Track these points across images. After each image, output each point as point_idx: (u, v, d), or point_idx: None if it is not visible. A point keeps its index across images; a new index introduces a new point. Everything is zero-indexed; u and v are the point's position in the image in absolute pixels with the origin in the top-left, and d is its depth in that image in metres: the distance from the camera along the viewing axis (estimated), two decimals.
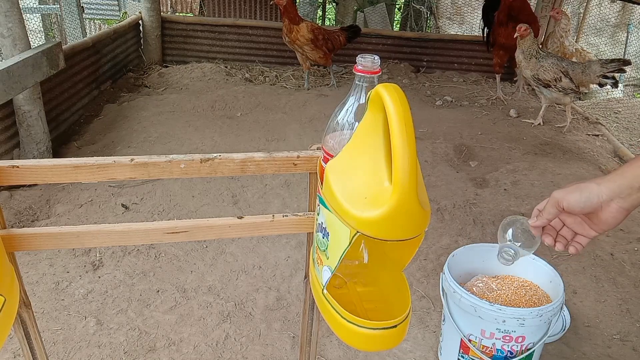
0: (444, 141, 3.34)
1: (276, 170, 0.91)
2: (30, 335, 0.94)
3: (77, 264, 2.01)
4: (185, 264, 2.05)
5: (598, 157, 3.33)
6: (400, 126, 0.63)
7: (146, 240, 0.91)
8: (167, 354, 1.63)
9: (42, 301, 1.81)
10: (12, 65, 2.27)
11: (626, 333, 1.79)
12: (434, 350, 1.68)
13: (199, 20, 5.17)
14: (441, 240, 2.27)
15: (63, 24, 5.19)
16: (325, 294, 0.81)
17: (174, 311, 1.81)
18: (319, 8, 7.65)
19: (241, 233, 0.94)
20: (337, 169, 0.74)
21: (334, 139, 0.80)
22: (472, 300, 1.38)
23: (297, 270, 2.04)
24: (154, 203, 2.45)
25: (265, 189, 2.65)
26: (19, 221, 2.26)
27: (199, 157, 0.88)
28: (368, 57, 0.76)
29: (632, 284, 2.04)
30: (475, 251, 1.64)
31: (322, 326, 1.05)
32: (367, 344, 0.81)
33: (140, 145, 3.09)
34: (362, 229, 0.69)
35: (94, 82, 3.91)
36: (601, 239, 2.32)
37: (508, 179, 2.87)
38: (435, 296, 1.92)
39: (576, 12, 6.92)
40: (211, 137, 3.23)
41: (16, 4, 2.41)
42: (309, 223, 0.94)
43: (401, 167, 0.63)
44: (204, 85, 4.32)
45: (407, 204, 0.65)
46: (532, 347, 1.43)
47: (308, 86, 4.36)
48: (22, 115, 2.58)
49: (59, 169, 0.83)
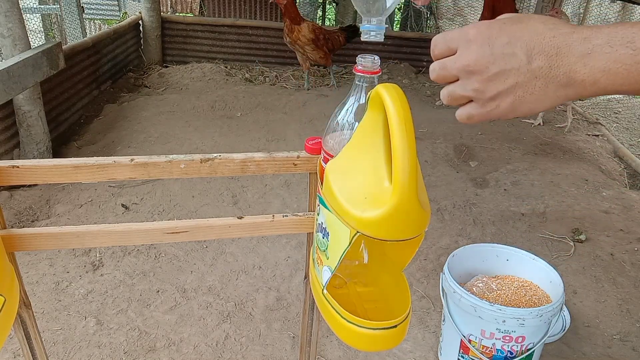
0: (444, 141, 3.34)
1: (276, 171, 0.91)
2: (30, 335, 0.94)
3: (77, 264, 2.01)
4: (185, 264, 2.05)
5: (598, 157, 3.33)
6: (400, 126, 0.63)
7: (146, 240, 0.91)
8: (167, 354, 1.63)
9: (42, 301, 1.81)
10: (12, 65, 2.27)
11: (626, 333, 1.79)
12: (434, 351, 1.68)
13: (199, 20, 5.17)
14: (441, 240, 2.27)
15: (63, 24, 5.18)
16: (325, 294, 0.81)
17: (174, 311, 1.81)
18: (319, 8, 7.65)
19: (241, 233, 0.94)
20: (337, 169, 0.74)
21: (334, 139, 0.80)
22: (472, 301, 1.38)
23: (297, 270, 2.04)
24: (154, 203, 2.45)
25: (265, 189, 2.65)
26: (19, 221, 2.25)
27: (199, 157, 0.88)
28: (368, 57, 0.75)
29: (632, 284, 2.03)
30: (475, 251, 1.64)
31: (322, 326, 1.05)
32: (367, 344, 0.81)
33: (140, 145, 3.09)
34: (362, 229, 0.69)
35: (94, 82, 3.91)
36: (601, 239, 2.32)
37: (508, 179, 2.87)
38: (435, 296, 1.92)
39: (576, 12, 6.92)
40: (211, 137, 3.23)
41: (16, 4, 2.41)
42: (309, 223, 0.94)
43: (401, 167, 0.63)
44: (204, 85, 4.32)
45: (407, 204, 0.65)
46: (532, 347, 1.43)
47: (308, 86, 4.36)
48: (22, 115, 2.58)
49: (59, 169, 0.83)
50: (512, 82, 0.53)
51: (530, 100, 0.54)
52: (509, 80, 0.53)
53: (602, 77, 0.50)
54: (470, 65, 0.54)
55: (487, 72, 0.54)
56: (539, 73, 0.52)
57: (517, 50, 0.52)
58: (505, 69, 0.53)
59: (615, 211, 2.55)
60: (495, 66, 0.53)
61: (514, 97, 0.54)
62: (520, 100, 0.54)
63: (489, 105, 0.56)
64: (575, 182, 2.82)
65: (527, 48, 0.52)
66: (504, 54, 0.53)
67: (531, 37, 0.52)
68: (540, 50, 0.52)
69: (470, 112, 0.58)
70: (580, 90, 0.52)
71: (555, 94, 0.53)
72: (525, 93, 0.54)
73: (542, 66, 0.52)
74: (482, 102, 0.56)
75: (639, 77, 0.49)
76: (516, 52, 0.53)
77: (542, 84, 0.53)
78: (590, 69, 0.50)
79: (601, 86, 0.51)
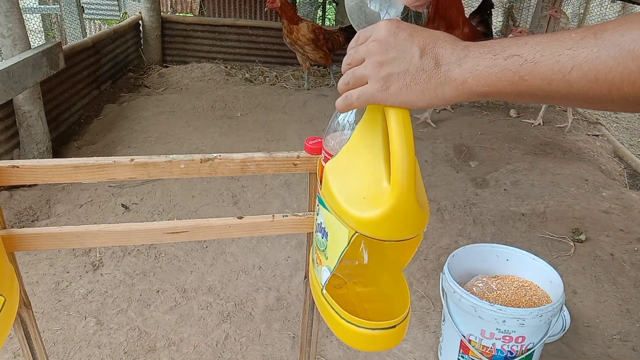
0: (444, 141, 3.34)
1: (276, 171, 0.91)
2: (30, 335, 0.94)
3: (77, 264, 2.01)
4: (185, 264, 2.05)
5: (598, 157, 3.33)
6: (399, 126, 0.63)
7: (146, 240, 0.91)
8: (167, 354, 1.63)
9: (42, 301, 1.81)
10: (12, 65, 2.27)
11: (626, 333, 1.79)
12: (434, 351, 1.68)
13: (199, 20, 5.17)
14: (441, 240, 2.27)
15: (63, 24, 5.18)
16: (325, 294, 0.81)
17: (174, 311, 1.81)
18: (319, 8, 7.65)
19: (241, 233, 0.94)
20: (336, 169, 0.74)
21: (335, 139, 0.80)
22: (472, 301, 1.38)
23: (297, 270, 2.04)
24: (154, 203, 2.45)
25: (265, 189, 2.65)
26: (19, 221, 2.26)
27: (199, 157, 0.88)
28: None
29: (632, 284, 2.04)
30: (475, 251, 1.64)
31: (322, 326, 1.05)
32: (366, 344, 0.81)
33: (140, 145, 3.09)
34: (361, 229, 0.69)
35: (94, 82, 3.91)
36: (601, 239, 2.32)
37: (508, 179, 2.87)
38: (435, 296, 1.92)
39: (577, 13, 6.92)
40: (211, 137, 3.24)
41: (16, 4, 2.41)
42: (309, 223, 0.94)
43: (400, 168, 0.63)
44: (204, 85, 4.32)
45: (405, 205, 0.65)
46: (532, 347, 1.43)
47: (308, 86, 4.36)
48: (22, 116, 2.58)
49: (59, 169, 0.83)
50: (404, 69, 0.62)
51: (416, 90, 0.62)
52: (401, 67, 0.62)
53: (469, 77, 0.58)
54: (376, 40, 0.63)
55: (386, 55, 0.62)
56: (426, 67, 0.61)
57: (414, 45, 0.61)
58: (400, 57, 0.62)
59: (615, 211, 2.55)
60: (394, 52, 0.62)
61: (403, 83, 0.62)
62: (407, 87, 0.62)
63: (380, 84, 0.63)
64: (575, 182, 2.82)
65: (422, 46, 0.61)
66: (403, 45, 0.62)
67: (428, 40, 0.62)
68: (431, 50, 0.61)
69: (362, 90, 0.65)
70: (453, 89, 0.60)
71: (435, 91, 0.61)
72: (412, 82, 0.62)
73: (429, 62, 0.61)
74: (374, 80, 0.63)
75: (498, 78, 0.56)
76: (412, 47, 0.61)
77: (426, 77, 0.61)
78: (462, 70, 0.59)
79: (468, 86, 0.59)
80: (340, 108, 0.68)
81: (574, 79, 0.51)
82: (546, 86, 0.54)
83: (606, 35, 0.49)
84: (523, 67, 0.54)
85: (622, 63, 0.48)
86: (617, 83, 0.49)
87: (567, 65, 0.51)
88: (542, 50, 0.53)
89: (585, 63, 0.50)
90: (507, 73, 0.55)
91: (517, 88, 0.56)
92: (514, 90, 0.56)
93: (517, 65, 0.55)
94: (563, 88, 0.53)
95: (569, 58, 0.51)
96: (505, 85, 0.56)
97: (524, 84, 0.55)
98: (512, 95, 0.57)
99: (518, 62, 0.55)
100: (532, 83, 0.54)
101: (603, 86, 0.50)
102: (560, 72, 0.52)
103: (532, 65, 0.54)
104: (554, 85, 0.53)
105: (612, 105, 0.52)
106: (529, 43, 0.55)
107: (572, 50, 0.51)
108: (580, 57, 0.50)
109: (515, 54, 0.55)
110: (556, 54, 0.52)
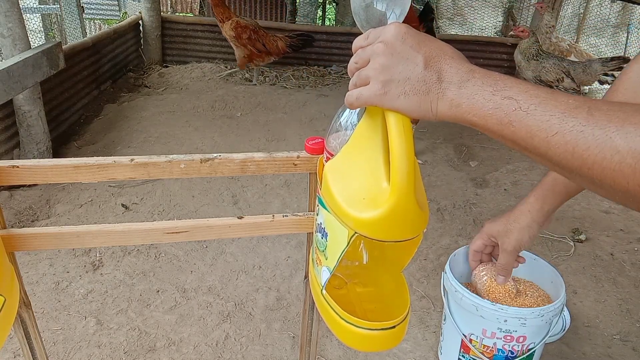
0: (444, 141, 3.34)
1: (276, 171, 0.91)
2: (30, 335, 0.94)
3: (77, 264, 2.01)
4: (185, 264, 2.05)
5: None
6: (398, 127, 0.63)
7: (146, 240, 0.91)
8: (167, 354, 1.63)
9: (42, 301, 1.81)
10: (12, 65, 2.27)
11: (626, 333, 1.79)
12: (434, 350, 1.68)
13: (199, 20, 5.17)
14: (441, 240, 2.27)
15: (63, 24, 5.18)
16: (324, 295, 0.81)
17: (174, 311, 1.81)
18: (319, 8, 7.65)
19: (241, 233, 0.94)
20: (336, 170, 0.74)
21: (337, 139, 0.80)
22: (474, 300, 1.38)
23: (297, 270, 2.04)
24: (154, 203, 2.45)
25: (265, 189, 2.65)
26: (19, 221, 2.26)
27: (199, 157, 0.88)
28: None
29: (632, 284, 2.04)
30: None
31: (322, 326, 1.05)
32: (366, 344, 0.81)
33: (140, 145, 3.09)
34: (360, 229, 0.69)
35: (94, 82, 3.91)
36: (601, 239, 2.32)
37: (508, 179, 2.87)
38: (436, 296, 1.92)
39: (577, 13, 6.92)
40: (211, 137, 3.24)
41: (16, 4, 2.41)
42: (309, 223, 0.95)
43: (399, 168, 0.63)
44: (204, 85, 4.32)
45: (404, 205, 0.65)
46: (533, 347, 1.43)
47: (255, 82, 4.41)
48: (22, 115, 2.58)
49: (59, 169, 0.83)
50: (405, 76, 0.61)
51: (413, 100, 0.62)
52: (402, 74, 0.61)
53: (465, 102, 0.59)
54: (383, 42, 0.62)
55: (390, 58, 0.62)
56: (427, 79, 0.61)
57: (420, 54, 0.61)
58: (403, 63, 0.62)
59: (615, 211, 2.55)
60: (398, 57, 0.62)
61: (401, 91, 0.62)
62: (405, 95, 0.62)
63: (379, 88, 0.63)
64: None
65: (427, 56, 0.61)
66: (409, 52, 0.61)
67: (435, 52, 0.61)
68: (436, 64, 0.61)
69: (361, 91, 0.65)
70: (447, 107, 0.60)
71: (431, 105, 0.61)
72: (410, 91, 0.61)
73: (432, 76, 0.61)
74: (375, 82, 0.63)
75: (490, 114, 0.57)
76: (418, 55, 0.61)
77: (425, 89, 0.61)
78: (460, 93, 0.59)
79: (461, 110, 0.59)
80: (347, 105, 0.68)
81: (554, 142, 0.52)
82: (528, 139, 0.55)
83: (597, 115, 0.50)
84: (515, 113, 0.55)
85: (600, 146, 0.49)
86: (589, 163, 0.50)
87: (553, 128, 0.52)
88: (537, 104, 0.54)
89: (569, 133, 0.51)
90: (499, 113, 0.56)
91: (503, 130, 0.57)
92: (499, 131, 0.57)
93: (510, 109, 0.55)
94: (542, 147, 0.54)
95: (558, 121, 0.52)
96: (494, 123, 0.57)
97: (510, 129, 0.56)
98: (497, 135, 0.58)
99: (512, 107, 0.55)
100: (518, 131, 0.55)
101: (577, 160, 0.51)
102: (545, 131, 0.53)
103: (524, 115, 0.55)
104: (535, 141, 0.54)
105: (580, 180, 0.53)
106: (529, 92, 0.56)
107: (563, 115, 0.52)
108: (568, 125, 0.52)
109: (513, 98, 0.56)
110: (548, 113, 0.53)
